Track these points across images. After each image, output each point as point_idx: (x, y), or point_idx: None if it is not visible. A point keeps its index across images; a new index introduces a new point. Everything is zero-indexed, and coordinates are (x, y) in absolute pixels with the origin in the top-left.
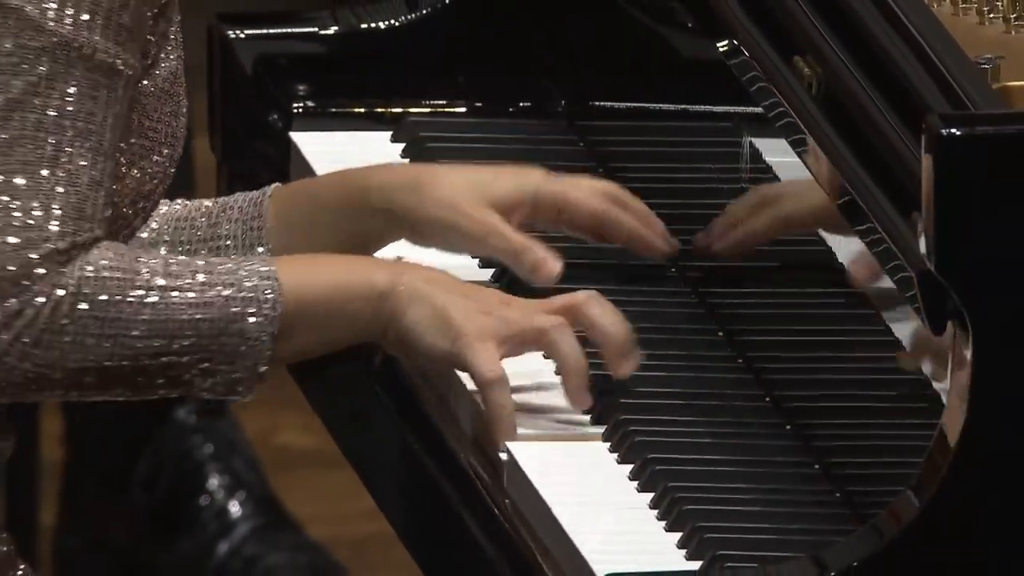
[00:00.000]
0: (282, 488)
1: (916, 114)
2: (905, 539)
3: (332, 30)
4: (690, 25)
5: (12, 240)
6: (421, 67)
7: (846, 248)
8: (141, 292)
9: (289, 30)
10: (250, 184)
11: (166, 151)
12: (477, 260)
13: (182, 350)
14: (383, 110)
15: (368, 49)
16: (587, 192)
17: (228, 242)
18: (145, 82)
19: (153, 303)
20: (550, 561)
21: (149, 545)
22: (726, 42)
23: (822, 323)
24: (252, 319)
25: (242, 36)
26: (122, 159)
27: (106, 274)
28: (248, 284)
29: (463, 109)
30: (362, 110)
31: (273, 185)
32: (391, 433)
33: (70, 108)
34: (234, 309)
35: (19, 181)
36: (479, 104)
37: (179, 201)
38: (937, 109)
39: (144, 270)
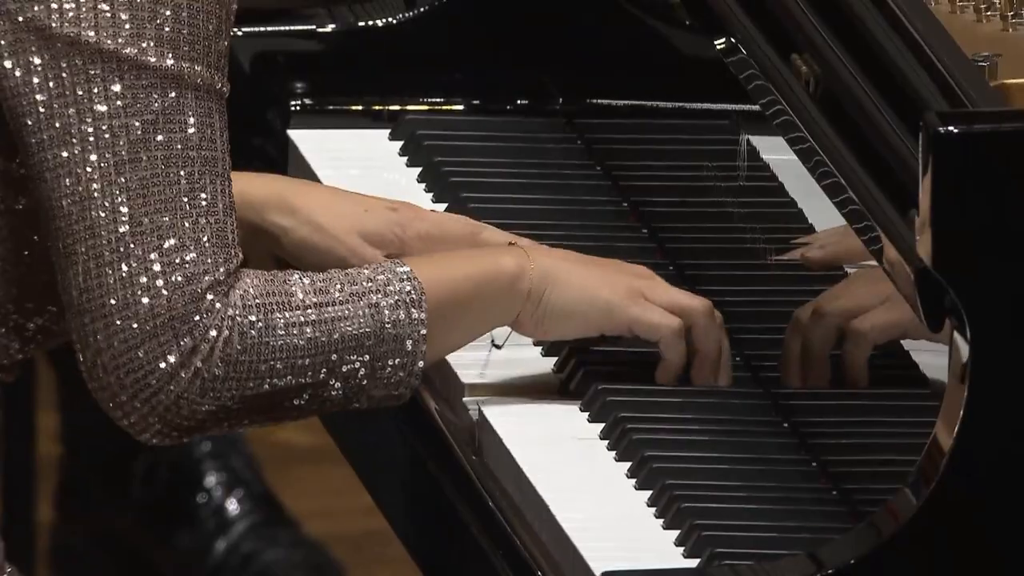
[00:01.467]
0: (280, 485)
1: (914, 112)
2: (902, 536)
3: (329, 28)
4: (688, 23)
5: (175, 279)
6: (419, 65)
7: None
8: (299, 312)
9: (287, 28)
10: None
11: None
12: None
13: (347, 361)
14: (381, 108)
15: (366, 47)
16: (455, 222)
17: None
18: None
19: (313, 321)
20: (548, 559)
21: (147, 542)
22: (724, 40)
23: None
24: (404, 321)
25: (239, 34)
26: None
27: (263, 300)
28: (392, 288)
29: (461, 107)
30: (360, 108)
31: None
32: (390, 430)
33: (192, 139)
34: (387, 314)
35: (165, 219)
36: (477, 102)
37: None
38: (935, 107)
39: (295, 289)
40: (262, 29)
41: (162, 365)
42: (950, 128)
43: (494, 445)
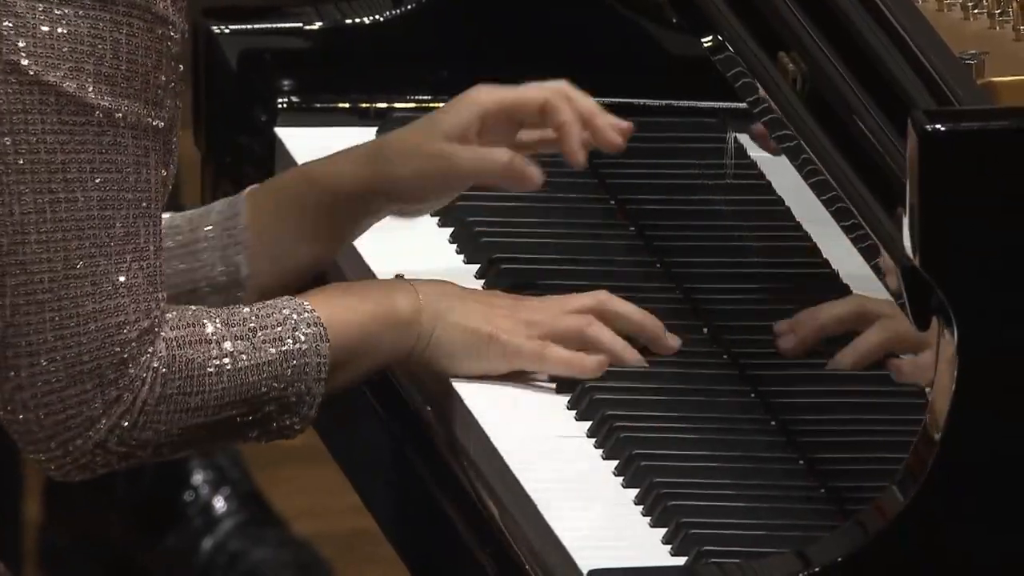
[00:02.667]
0: (268, 484)
1: (901, 110)
2: (890, 534)
3: (317, 25)
4: (675, 21)
5: (106, 323)
6: (406, 62)
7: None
8: (216, 361)
9: (274, 25)
10: (235, 179)
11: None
12: (462, 256)
13: (254, 407)
14: (368, 105)
15: (353, 44)
16: (531, 88)
17: (204, 244)
18: None
19: (229, 370)
20: (535, 557)
21: (134, 541)
22: (711, 38)
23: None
24: (308, 368)
25: (227, 31)
26: None
27: (184, 350)
28: (301, 335)
29: None
30: (347, 105)
31: (246, 191)
32: (377, 429)
33: (128, 180)
34: (294, 362)
35: (100, 264)
36: None
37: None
38: (922, 105)
39: (211, 334)
40: (249, 27)
41: (84, 411)
42: (937, 126)
43: (481, 444)
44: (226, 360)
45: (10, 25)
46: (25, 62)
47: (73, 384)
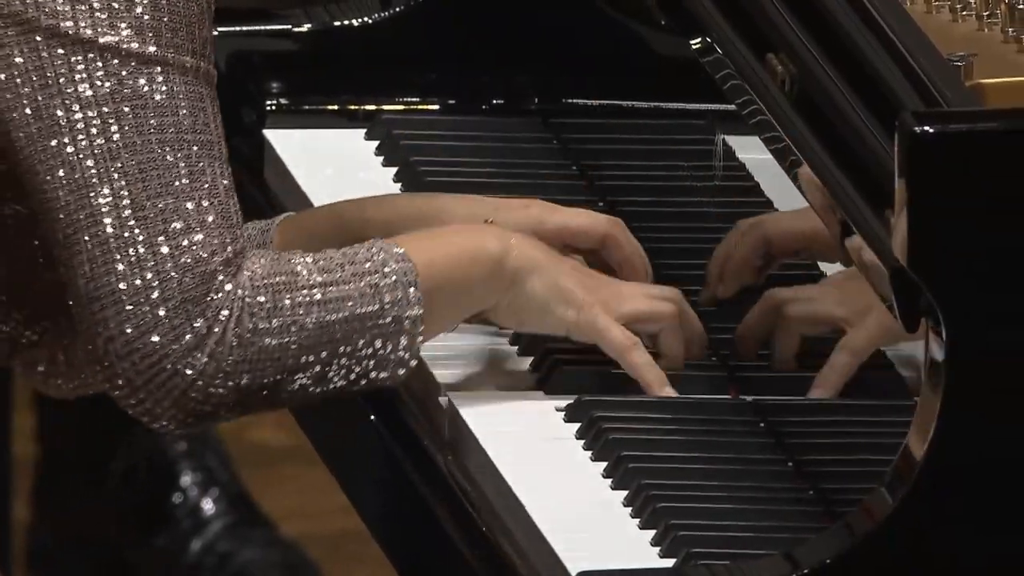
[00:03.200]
0: (256, 485)
1: (889, 112)
2: (878, 536)
3: (305, 27)
4: (663, 23)
5: (185, 260)
6: (394, 64)
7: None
8: (305, 291)
9: (262, 27)
10: None
11: None
12: None
13: (351, 340)
14: (356, 107)
15: (341, 46)
16: (588, 219)
17: None
18: None
19: (319, 300)
20: (524, 558)
21: (123, 542)
22: (699, 39)
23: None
24: (402, 301)
25: (215, 33)
26: None
27: (270, 279)
28: (388, 269)
29: (436, 106)
30: (335, 107)
31: (283, 215)
32: (366, 430)
33: (185, 122)
34: (387, 295)
35: (168, 202)
36: (452, 101)
37: None
38: (910, 107)
39: (300, 269)
40: (238, 28)
41: (176, 348)
42: (925, 128)
43: (470, 445)
44: (316, 291)
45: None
46: (65, 24)
47: (161, 323)
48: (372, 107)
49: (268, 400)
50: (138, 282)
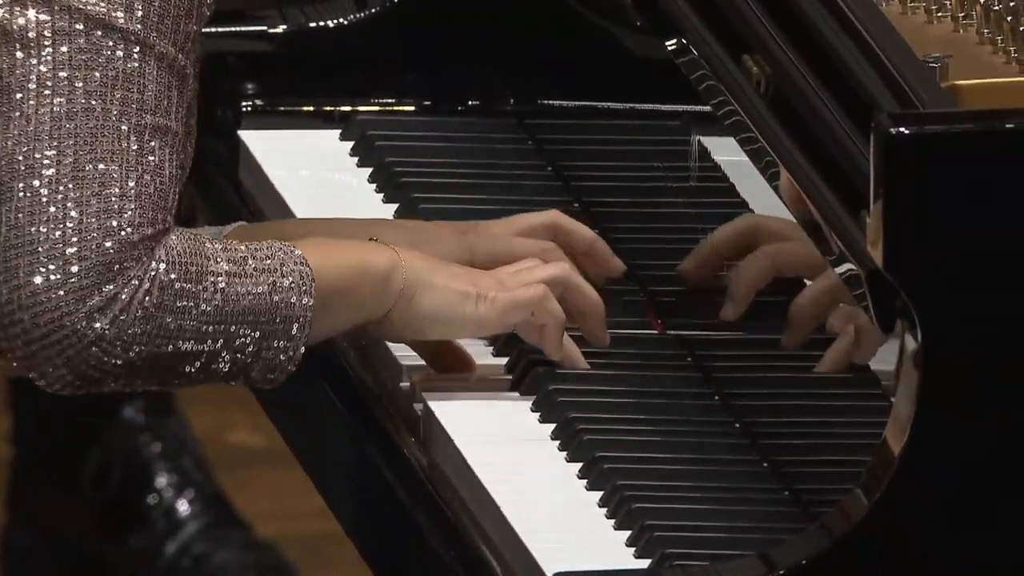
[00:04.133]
0: (232, 487)
1: (864, 113)
2: (854, 537)
3: (281, 28)
4: (639, 24)
5: (110, 224)
6: (370, 65)
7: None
8: (212, 277)
9: (238, 28)
10: (198, 182)
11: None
12: None
13: (241, 334)
14: (332, 109)
15: (317, 48)
16: (521, 246)
17: None
18: None
19: (223, 288)
20: (500, 560)
21: (98, 543)
22: (675, 41)
23: (770, 318)
24: (295, 304)
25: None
26: None
27: (186, 259)
28: (287, 269)
29: (412, 107)
30: (311, 109)
31: (236, 224)
32: (341, 432)
33: (148, 102)
34: (279, 297)
35: (111, 168)
36: (428, 103)
37: None
38: (885, 108)
39: (212, 254)
40: (213, 30)
41: (81, 308)
42: (901, 129)
43: (445, 446)
44: (220, 279)
45: None
46: None
47: (71, 280)
48: (347, 108)
49: (154, 376)
50: (58, 234)
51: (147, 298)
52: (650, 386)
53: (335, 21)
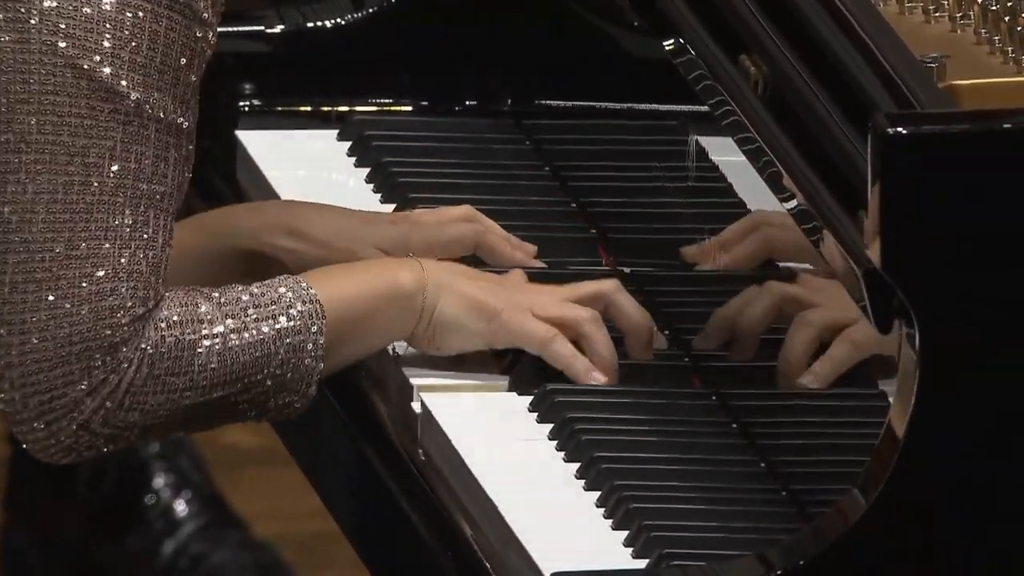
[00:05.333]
0: (229, 487)
1: (862, 113)
2: (852, 537)
3: (278, 29)
4: (636, 24)
5: (102, 307)
6: (367, 66)
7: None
8: (207, 342)
9: (235, 29)
10: (196, 182)
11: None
12: None
13: (246, 387)
14: (329, 109)
15: (314, 48)
16: (455, 230)
17: None
18: None
19: (219, 350)
20: (497, 560)
21: (95, 543)
22: (672, 41)
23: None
24: (303, 345)
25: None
26: None
27: (174, 331)
28: (294, 311)
29: (409, 108)
30: (308, 109)
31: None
32: (338, 432)
33: (145, 171)
34: (288, 340)
35: (104, 247)
36: (425, 103)
37: None
38: (883, 108)
39: (204, 314)
40: None
41: (70, 392)
42: (898, 129)
43: (442, 446)
44: (217, 341)
45: (53, 5)
46: (63, 44)
47: (60, 364)
48: (344, 108)
49: (160, 437)
50: (50, 319)
51: (136, 377)
52: (648, 386)
53: (332, 21)
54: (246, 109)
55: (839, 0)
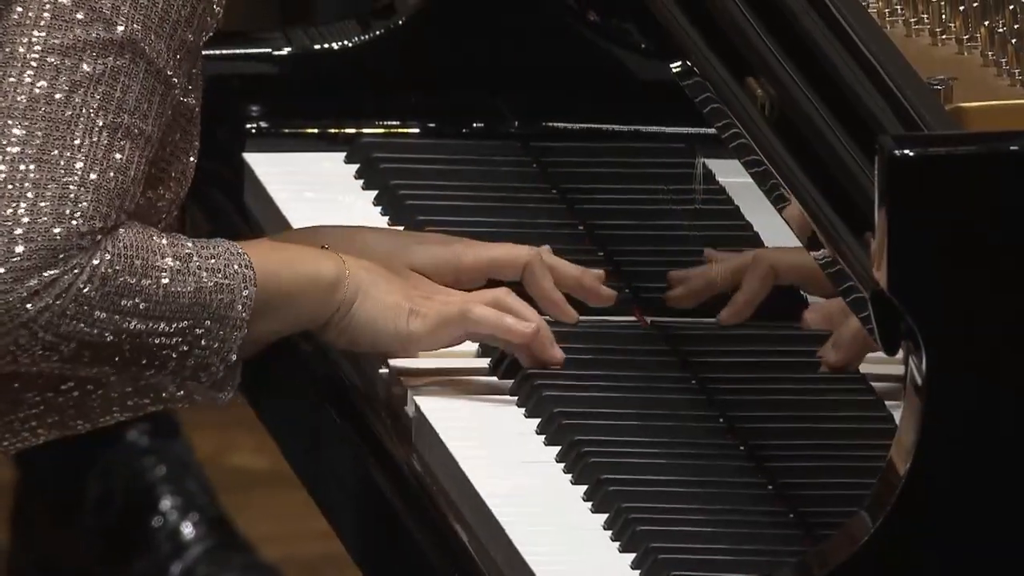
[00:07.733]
0: (235, 509)
1: (869, 135)
2: (859, 560)
3: (285, 51)
4: (643, 46)
5: (64, 211)
6: (374, 88)
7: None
8: (157, 273)
9: (242, 51)
10: (203, 205)
11: (173, 187)
12: None
13: (176, 331)
14: (336, 131)
15: (321, 70)
16: (505, 251)
17: None
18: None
19: (166, 283)
20: None
21: (103, 566)
22: (679, 63)
23: (775, 343)
24: (233, 304)
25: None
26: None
27: (131, 253)
28: (231, 271)
29: (416, 130)
30: (315, 131)
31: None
32: (344, 454)
33: (128, 103)
34: (221, 296)
35: (76, 160)
36: (432, 125)
37: None
38: (890, 130)
39: (158, 248)
40: (218, 52)
41: (19, 288)
42: (905, 151)
43: (448, 468)
44: (165, 274)
45: None
46: None
47: (13, 258)
48: (352, 130)
49: (77, 367)
50: (8, 211)
51: (86, 288)
52: (655, 409)
53: (340, 44)
54: (253, 131)
55: (846, 22)
